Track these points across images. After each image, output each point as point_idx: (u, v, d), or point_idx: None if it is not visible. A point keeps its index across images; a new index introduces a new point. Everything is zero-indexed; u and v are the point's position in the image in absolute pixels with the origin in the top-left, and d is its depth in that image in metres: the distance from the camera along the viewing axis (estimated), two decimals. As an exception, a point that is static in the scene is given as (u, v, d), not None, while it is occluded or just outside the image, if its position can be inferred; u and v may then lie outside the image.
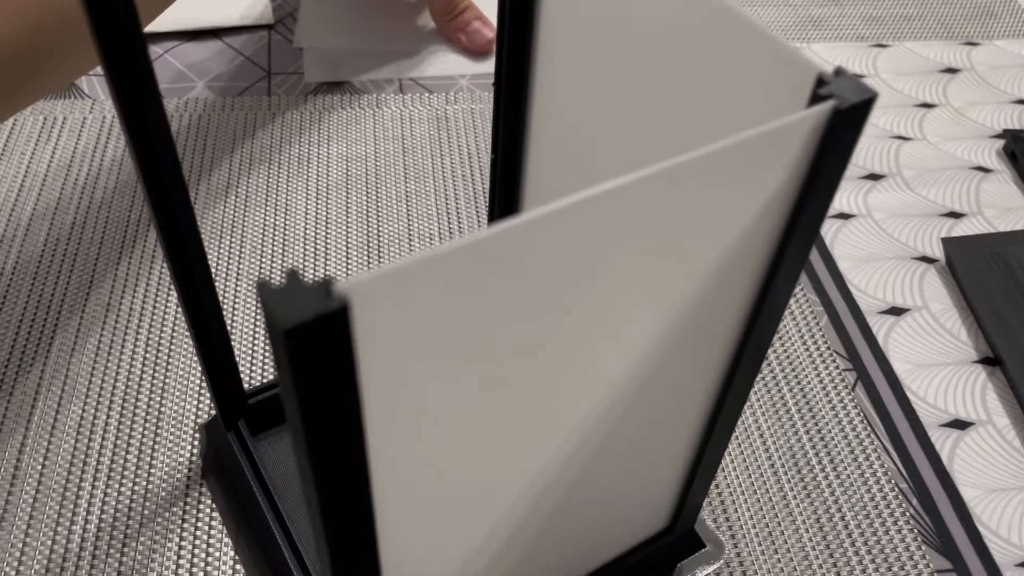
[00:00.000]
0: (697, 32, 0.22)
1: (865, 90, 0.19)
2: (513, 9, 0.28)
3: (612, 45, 0.26)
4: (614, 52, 0.26)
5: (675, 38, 0.23)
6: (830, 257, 0.45)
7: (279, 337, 0.14)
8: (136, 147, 0.24)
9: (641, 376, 0.24)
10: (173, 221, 0.27)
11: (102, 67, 0.23)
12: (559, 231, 0.17)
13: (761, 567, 0.34)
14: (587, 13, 0.26)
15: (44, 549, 0.32)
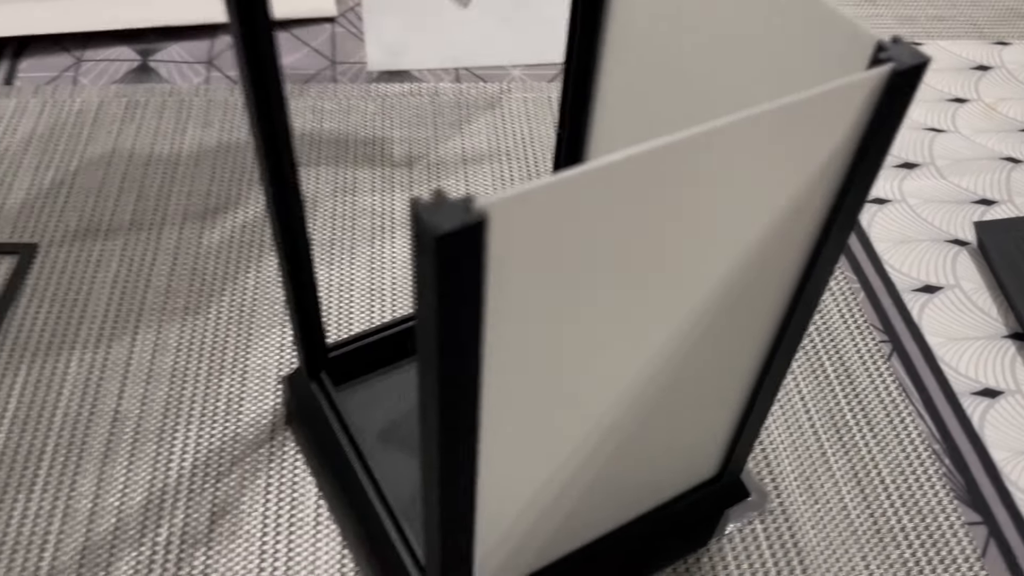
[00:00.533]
0: (763, 6, 0.25)
1: (920, 55, 0.21)
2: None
3: (679, 21, 0.29)
4: (681, 29, 0.29)
5: (741, 12, 0.26)
6: (867, 239, 0.48)
7: (430, 243, 0.17)
8: (259, 115, 0.27)
9: (708, 317, 0.27)
10: (282, 184, 0.30)
11: (236, 50, 0.26)
12: (659, 166, 0.20)
13: (802, 516, 0.36)
14: None
15: (144, 484, 0.35)
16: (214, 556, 0.34)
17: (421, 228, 0.17)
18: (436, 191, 0.18)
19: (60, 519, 0.34)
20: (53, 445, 0.36)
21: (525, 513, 0.29)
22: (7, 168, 0.47)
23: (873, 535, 0.36)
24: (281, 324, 0.41)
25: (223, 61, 0.56)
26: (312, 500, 0.35)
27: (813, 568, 0.35)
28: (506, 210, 0.18)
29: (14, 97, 0.52)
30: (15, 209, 0.45)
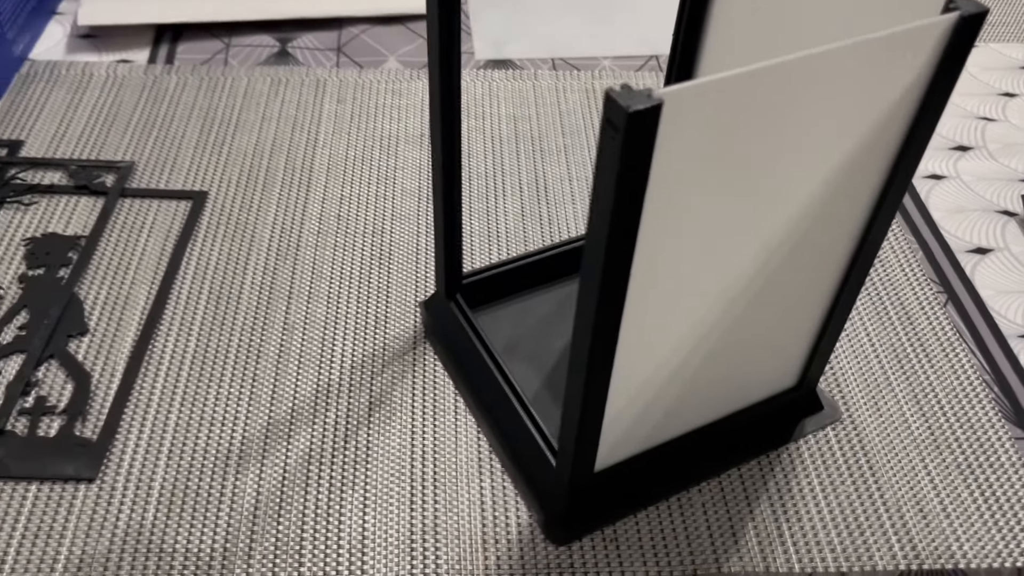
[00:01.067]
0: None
1: (980, 6, 0.28)
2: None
3: None
4: None
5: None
6: (924, 208, 0.53)
7: (622, 119, 0.24)
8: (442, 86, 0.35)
9: (798, 231, 0.33)
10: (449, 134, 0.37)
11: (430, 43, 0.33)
12: (774, 81, 0.26)
13: (868, 427, 0.42)
14: None
15: (312, 379, 0.42)
16: (374, 435, 0.40)
17: (615, 108, 0.24)
18: (623, 84, 0.25)
19: (247, 402, 0.41)
20: (236, 346, 0.44)
21: (640, 398, 0.36)
22: (176, 130, 0.55)
23: (931, 444, 0.41)
24: (415, 258, 0.48)
25: (350, 48, 0.63)
26: (451, 396, 0.42)
27: (879, 467, 0.40)
28: (674, 98, 0.25)
29: (175, 75, 0.60)
30: (186, 164, 0.53)
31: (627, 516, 0.38)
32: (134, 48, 0.62)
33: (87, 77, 0.59)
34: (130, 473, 0.38)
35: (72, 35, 0.63)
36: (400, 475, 0.39)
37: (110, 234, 0.49)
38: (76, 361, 0.42)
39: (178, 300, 0.45)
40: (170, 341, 0.44)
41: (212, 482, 0.38)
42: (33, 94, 0.57)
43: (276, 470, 0.39)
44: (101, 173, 0.52)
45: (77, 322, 0.44)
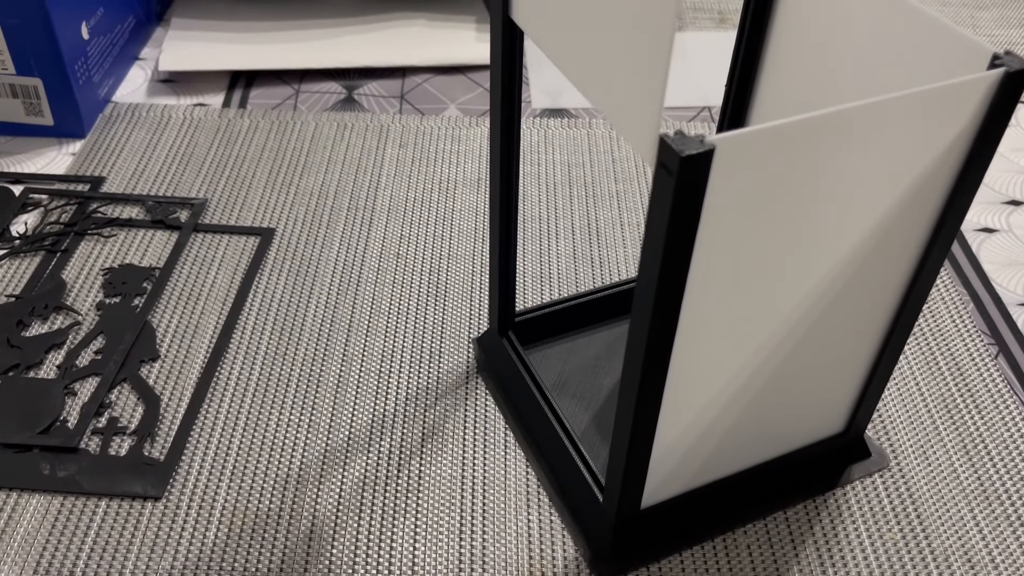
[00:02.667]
0: (898, 25, 0.33)
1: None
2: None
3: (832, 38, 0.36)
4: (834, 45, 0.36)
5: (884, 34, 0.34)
6: (976, 260, 0.54)
7: (675, 163, 0.25)
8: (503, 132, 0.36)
9: (847, 278, 0.34)
10: (508, 179, 0.39)
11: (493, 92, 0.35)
12: (823, 130, 0.28)
13: (917, 476, 0.42)
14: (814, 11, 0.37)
15: (369, 409, 0.44)
16: (426, 464, 0.42)
17: (668, 152, 0.26)
18: (677, 131, 0.26)
19: (306, 429, 0.43)
20: (297, 375, 0.45)
21: (687, 437, 0.37)
22: (247, 170, 0.58)
23: (980, 494, 0.41)
24: (469, 296, 0.50)
25: (413, 96, 0.66)
26: (502, 430, 0.43)
27: (927, 516, 0.40)
28: (726, 144, 0.26)
29: (247, 118, 0.63)
30: (255, 202, 0.56)
31: (672, 554, 0.39)
32: (210, 92, 0.66)
33: (166, 119, 0.63)
34: (194, 492, 0.40)
35: (153, 80, 0.67)
36: (451, 505, 0.40)
37: (183, 266, 0.51)
38: (147, 385, 0.45)
39: (244, 330, 0.48)
40: (235, 369, 0.46)
41: (271, 504, 0.40)
42: (115, 134, 0.61)
43: (332, 495, 0.40)
44: (176, 209, 0.55)
45: (149, 348, 0.46)
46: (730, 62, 0.41)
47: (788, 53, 0.39)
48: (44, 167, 0.58)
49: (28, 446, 0.42)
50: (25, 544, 0.38)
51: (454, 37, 0.71)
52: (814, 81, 0.38)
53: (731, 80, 0.42)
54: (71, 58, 0.58)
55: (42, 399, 0.44)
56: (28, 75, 0.58)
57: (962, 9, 0.79)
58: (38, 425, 0.42)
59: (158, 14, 0.73)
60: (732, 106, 0.42)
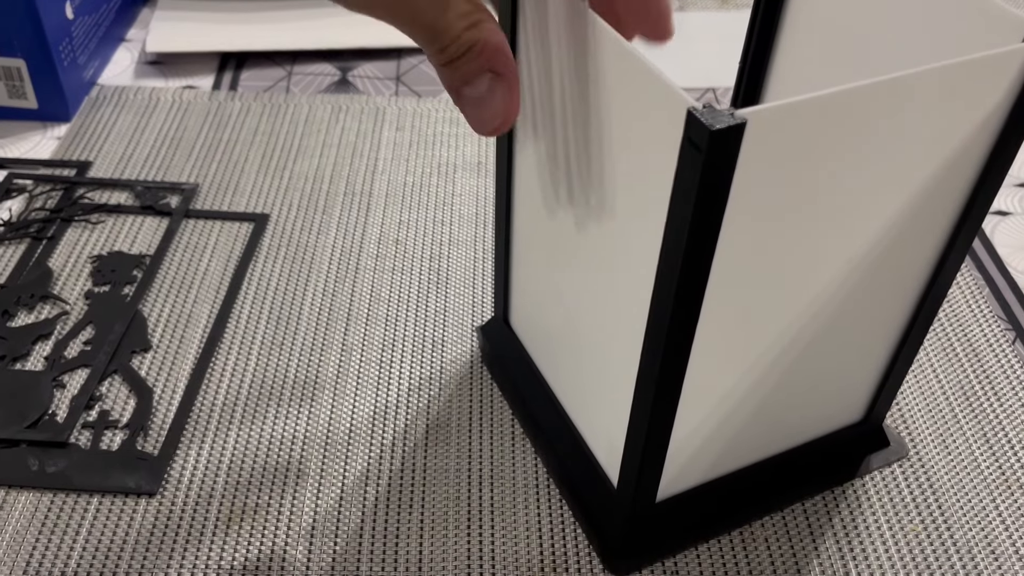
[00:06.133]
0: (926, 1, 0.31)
1: (1065, 32, 0.27)
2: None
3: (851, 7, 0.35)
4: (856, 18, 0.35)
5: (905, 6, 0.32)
6: (991, 244, 0.52)
7: (704, 138, 0.24)
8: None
9: (870, 262, 0.32)
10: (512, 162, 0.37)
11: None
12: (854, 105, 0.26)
13: (936, 464, 0.41)
14: None
15: (370, 400, 0.42)
16: (431, 458, 0.40)
17: (697, 127, 0.24)
18: (706, 104, 0.24)
19: (305, 422, 0.41)
20: (295, 366, 0.44)
21: (705, 427, 0.35)
22: (239, 155, 0.56)
23: (1002, 484, 0.40)
24: (472, 283, 0.48)
25: (409, 78, 0.64)
26: (508, 421, 0.42)
27: (948, 505, 0.39)
28: (758, 118, 0.24)
29: (239, 101, 0.61)
30: (248, 187, 0.54)
31: (688, 548, 0.38)
32: (199, 75, 0.64)
33: (154, 102, 0.60)
34: (190, 488, 0.39)
35: (140, 61, 0.65)
36: (457, 499, 0.39)
37: (174, 254, 0.49)
38: (139, 376, 0.43)
39: (239, 319, 0.46)
40: (231, 359, 0.44)
41: (271, 499, 0.38)
42: (102, 117, 0.59)
43: (334, 489, 0.39)
44: (166, 194, 0.53)
45: (141, 338, 0.45)
46: (745, 37, 0.40)
47: (804, 28, 0.38)
48: (28, 151, 0.56)
49: (16, 441, 0.40)
50: (14, 543, 0.36)
51: (451, 18, 0.69)
52: (833, 58, 0.37)
53: (745, 57, 0.40)
54: (55, 38, 0.56)
55: (30, 392, 0.42)
56: (11, 56, 0.55)
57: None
58: (26, 419, 0.41)
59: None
60: (746, 85, 0.41)
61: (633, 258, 0.30)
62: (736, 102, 0.42)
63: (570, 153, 0.33)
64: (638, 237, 0.29)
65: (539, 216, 0.37)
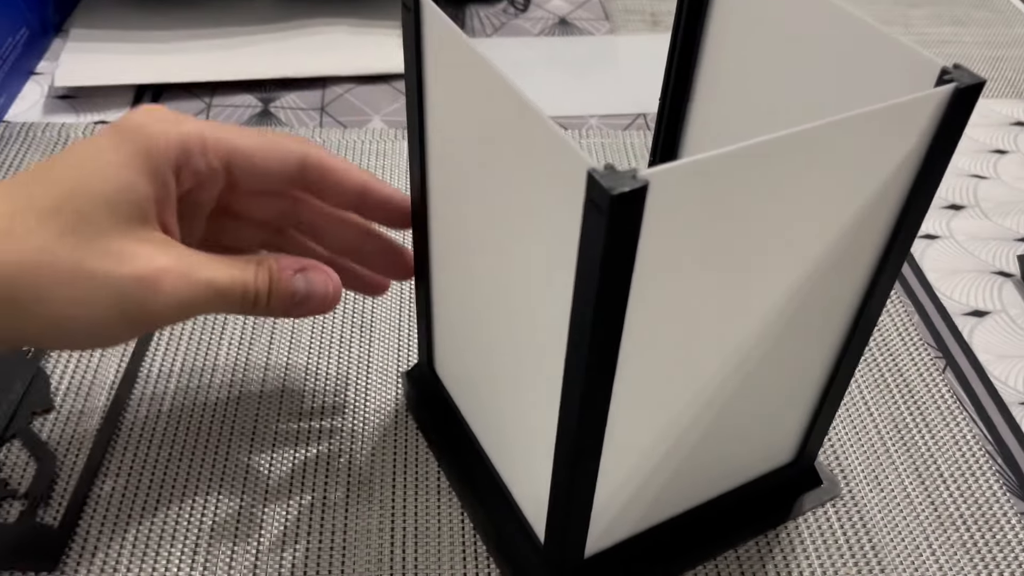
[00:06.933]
0: (844, 38, 0.31)
1: (977, 77, 0.27)
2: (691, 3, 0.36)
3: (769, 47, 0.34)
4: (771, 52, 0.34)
5: (821, 47, 0.32)
6: (920, 269, 0.52)
7: (605, 201, 0.23)
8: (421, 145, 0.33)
9: (792, 308, 0.32)
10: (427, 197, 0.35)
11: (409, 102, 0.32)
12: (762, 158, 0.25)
13: (869, 503, 0.40)
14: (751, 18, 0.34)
15: (289, 457, 0.41)
16: (352, 516, 0.38)
17: (598, 190, 0.23)
18: (607, 165, 0.23)
19: (219, 483, 0.39)
20: (208, 423, 0.42)
21: (632, 481, 0.34)
22: (153, 194, 0.54)
23: (934, 520, 0.40)
24: (397, 327, 0.47)
25: (334, 108, 0.63)
26: (435, 473, 0.40)
27: (881, 546, 0.39)
28: (660, 179, 0.23)
29: (154, 136, 0.59)
30: (162, 228, 0.52)
31: (619, 604, 0.36)
32: (113, 109, 0.61)
33: (63, 139, 0.58)
34: (92, 562, 0.36)
35: (50, 96, 0.62)
36: (379, 560, 0.37)
37: (81, 303, 0.47)
38: (40, 440, 0.40)
39: (149, 375, 0.44)
40: (139, 419, 0.42)
41: (180, 570, 0.36)
42: (7, 156, 0.56)
43: (248, 556, 0.37)
44: (74, 239, 0.50)
45: (43, 398, 0.42)
46: (664, 68, 0.39)
47: (724, 59, 0.37)
48: (-73, 196, 0.53)
49: (-98, 517, 0.37)
50: None
51: (377, 44, 0.67)
52: (753, 89, 0.36)
53: (666, 88, 0.39)
54: (-47, 76, 0.53)
55: (-81, 462, 0.39)
56: (-96, 95, 0.52)
57: (894, 7, 0.79)
58: (-86, 493, 0.38)
59: (56, 24, 0.68)
60: (668, 116, 0.40)
61: (546, 315, 0.29)
62: (659, 134, 0.41)
63: (480, 207, 0.31)
64: (549, 295, 0.28)
65: (457, 265, 0.35)
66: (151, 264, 0.30)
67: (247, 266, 0.33)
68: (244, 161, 0.34)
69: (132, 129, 0.31)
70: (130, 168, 0.30)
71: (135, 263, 0.30)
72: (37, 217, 0.29)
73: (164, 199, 0.32)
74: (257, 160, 0.34)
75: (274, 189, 0.36)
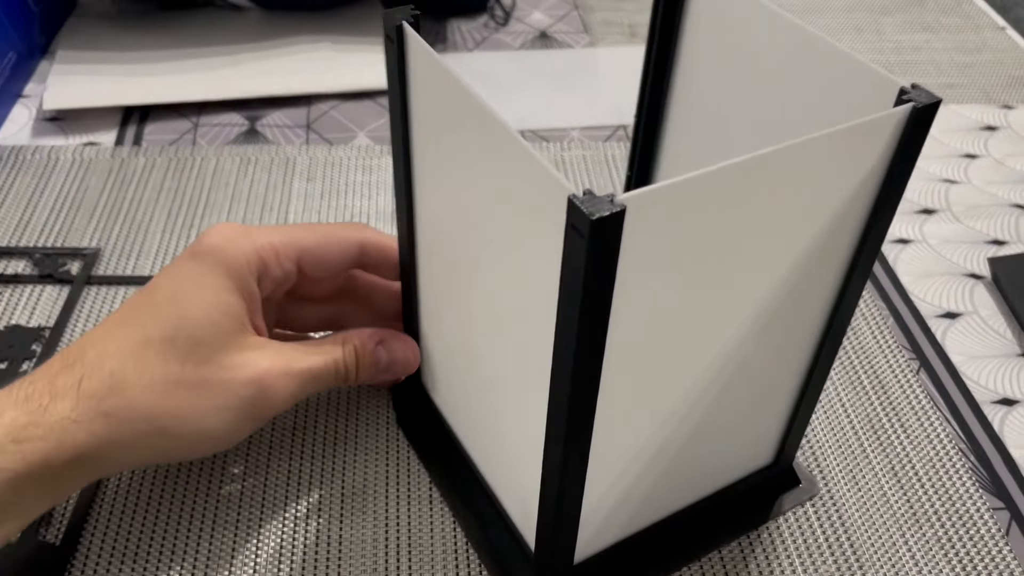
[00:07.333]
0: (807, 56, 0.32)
1: (934, 96, 0.28)
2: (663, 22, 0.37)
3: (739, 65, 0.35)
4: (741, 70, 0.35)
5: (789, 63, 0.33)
6: (893, 273, 0.54)
7: (586, 225, 0.24)
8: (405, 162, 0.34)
9: (768, 318, 0.33)
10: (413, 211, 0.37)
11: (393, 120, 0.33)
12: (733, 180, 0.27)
13: (847, 501, 0.42)
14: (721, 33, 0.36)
15: (284, 470, 0.42)
16: (347, 527, 0.39)
17: (578, 215, 0.24)
18: (586, 190, 0.25)
19: (215, 499, 0.40)
20: (204, 439, 0.43)
21: (617, 488, 0.35)
22: (144, 214, 0.55)
23: (910, 517, 0.41)
24: (388, 342, 0.48)
25: (320, 125, 0.64)
26: (426, 485, 0.41)
27: (859, 543, 0.40)
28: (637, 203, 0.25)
29: (142, 156, 0.60)
30: (153, 248, 0.53)
31: (607, 606, 0.37)
32: (101, 130, 0.62)
33: (53, 161, 0.59)
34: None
35: (38, 119, 0.63)
36: (375, 570, 0.38)
37: (75, 324, 0.48)
38: (39, 460, 0.41)
39: (145, 392, 0.45)
40: (137, 435, 0.43)
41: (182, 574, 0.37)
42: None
43: (246, 570, 0.38)
44: (66, 260, 0.51)
45: (40, 418, 0.43)
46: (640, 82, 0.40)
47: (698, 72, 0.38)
48: (-81, 220, 0.54)
49: (-95, 539, 0.38)
50: (-96, 653, 0.35)
51: (362, 61, 0.68)
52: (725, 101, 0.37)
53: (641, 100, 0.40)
54: (-57, 101, 0.54)
55: (-80, 484, 0.40)
56: None
57: (868, 15, 0.80)
58: (-84, 515, 0.39)
59: (42, 47, 0.68)
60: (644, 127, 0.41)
61: (530, 331, 0.30)
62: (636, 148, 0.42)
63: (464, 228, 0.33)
64: (533, 312, 0.29)
65: (443, 281, 0.37)
66: (258, 368, 0.35)
67: (335, 348, 0.38)
68: (311, 258, 0.38)
69: (211, 252, 0.35)
70: (224, 290, 0.35)
71: (246, 371, 0.34)
72: (157, 351, 0.33)
73: (253, 307, 0.36)
74: (322, 254, 0.38)
75: (336, 274, 0.40)
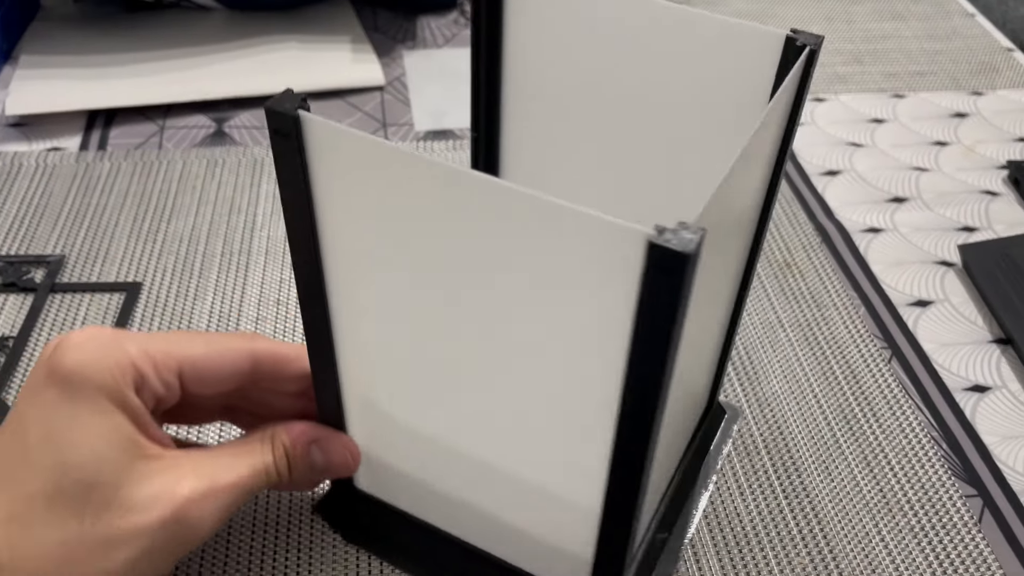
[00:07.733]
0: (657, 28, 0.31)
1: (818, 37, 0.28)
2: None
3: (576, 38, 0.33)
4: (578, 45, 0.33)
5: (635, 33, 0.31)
6: (864, 262, 0.54)
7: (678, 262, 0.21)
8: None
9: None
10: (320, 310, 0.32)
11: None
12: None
13: (820, 492, 0.42)
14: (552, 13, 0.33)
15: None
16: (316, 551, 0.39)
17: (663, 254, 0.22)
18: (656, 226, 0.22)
19: (183, 506, 0.40)
20: (171, 446, 0.42)
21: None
22: (109, 219, 0.54)
23: (883, 506, 0.41)
24: (358, 344, 0.47)
25: (288, 125, 0.63)
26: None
27: (832, 535, 0.40)
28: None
29: (107, 161, 0.59)
30: (119, 254, 0.52)
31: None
32: (65, 135, 0.61)
33: (16, 167, 0.58)
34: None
35: (1, 124, 0.62)
36: None
37: (40, 333, 0.47)
38: (2, 472, 0.41)
39: (111, 400, 0.44)
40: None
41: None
42: (-40, 188, 0.56)
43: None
44: (30, 268, 0.51)
45: (4, 430, 0.42)
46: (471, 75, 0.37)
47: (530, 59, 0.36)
48: None
49: None
50: None
51: (330, 60, 0.68)
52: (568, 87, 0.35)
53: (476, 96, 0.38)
54: (-100, 109, 0.53)
55: None
56: None
57: (837, 4, 0.80)
58: None
59: (5, 51, 0.67)
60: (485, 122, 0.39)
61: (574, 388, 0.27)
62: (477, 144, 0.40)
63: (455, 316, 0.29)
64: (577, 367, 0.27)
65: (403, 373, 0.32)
66: (175, 497, 0.29)
67: (263, 448, 0.33)
68: (195, 372, 0.32)
69: (74, 372, 0.28)
70: (101, 413, 0.29)
71: (160, 505, 0.29)
72: (46, 508, 0.28)
73: (142, 420, 0.30)
74: (208, 367, 0.32)
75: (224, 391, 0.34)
